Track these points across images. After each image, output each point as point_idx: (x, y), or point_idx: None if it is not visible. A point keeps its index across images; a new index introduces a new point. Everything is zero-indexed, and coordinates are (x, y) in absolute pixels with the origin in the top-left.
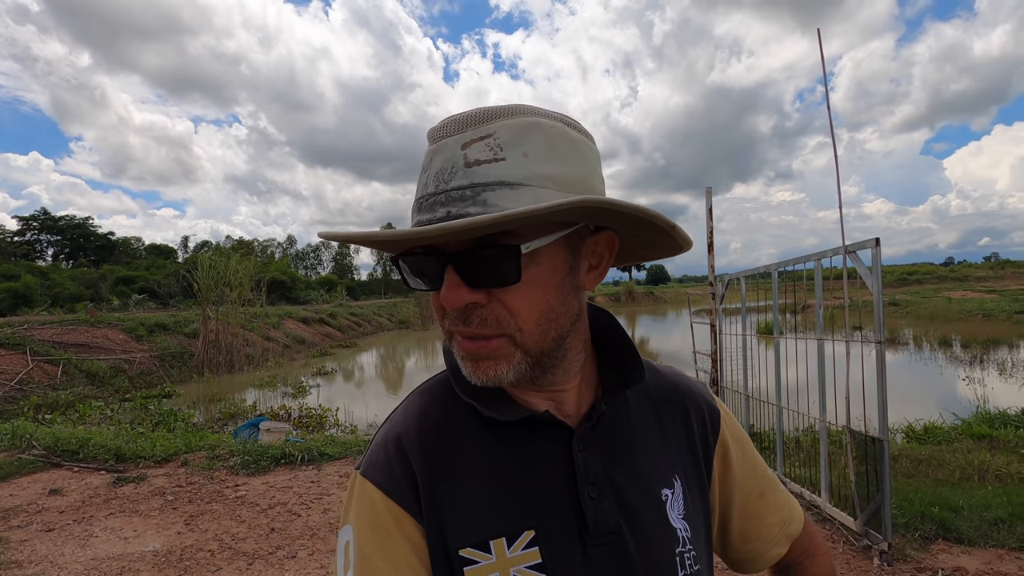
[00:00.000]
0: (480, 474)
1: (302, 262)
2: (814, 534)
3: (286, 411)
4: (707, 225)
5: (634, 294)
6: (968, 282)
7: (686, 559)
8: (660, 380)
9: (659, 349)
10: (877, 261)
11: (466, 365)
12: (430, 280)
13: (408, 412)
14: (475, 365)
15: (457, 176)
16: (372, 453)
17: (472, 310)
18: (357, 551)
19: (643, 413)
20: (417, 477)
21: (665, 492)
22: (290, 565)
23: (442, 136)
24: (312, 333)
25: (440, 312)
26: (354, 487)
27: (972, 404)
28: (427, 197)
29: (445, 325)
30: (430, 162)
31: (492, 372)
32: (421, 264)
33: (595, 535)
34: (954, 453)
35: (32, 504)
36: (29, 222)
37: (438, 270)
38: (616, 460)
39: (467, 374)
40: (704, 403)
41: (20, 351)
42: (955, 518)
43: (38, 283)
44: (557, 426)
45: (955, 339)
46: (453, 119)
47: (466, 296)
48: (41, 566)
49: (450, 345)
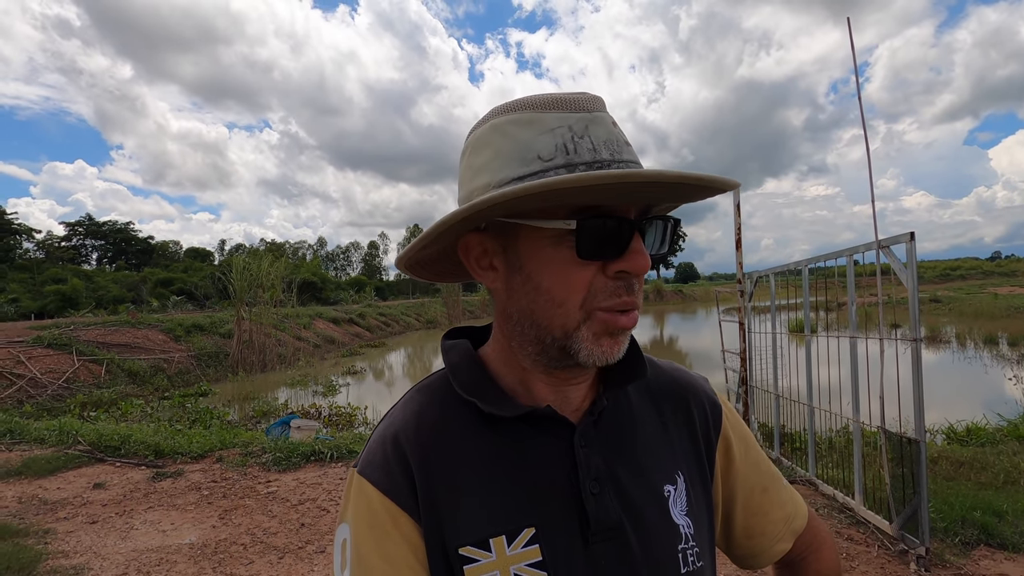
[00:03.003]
0: (479, 471)
1: (332, 263)
2: (819, 528)
3: (316, 409)
4: (735, 222)
5: (663, 292)
6: (1016, 277)
7: (689, 555)
8: (661, 375)
9: (688, 348)
10: (912, 256)
11: (604, 343)
12: (611, 247)
13: (406, 410)
14: (613, 341)
15: (626, 151)
16: (370, 452)
17: (637, 279)
18: (354, 550)
19: (645, 409)
20: (415, 476)
21: (668, 488)
22: (319, 560)
23: (592, 108)
24: (342, 333)
25: (585, 290)
26: (352, 485)
27: (1019, 405)
28: (603, 163)
29: (592, 303)
30: (585, 128)
31: (623, 348)
32: (608, 229)
33: (597, 531)
34: (998, 455)
35: (77, 497)
36: (75, 228)
37: (626, 236)
38: (618, 455)
39: (600, 352)
40: (706, 398)
41: (67, 351)
42: (998, 523)
43: (83, 286)
44: (558, 421)
45: (1002, 337)
46: (586, 95)
47: (649, 263)
48: (86, 556)
49: (577, 333)
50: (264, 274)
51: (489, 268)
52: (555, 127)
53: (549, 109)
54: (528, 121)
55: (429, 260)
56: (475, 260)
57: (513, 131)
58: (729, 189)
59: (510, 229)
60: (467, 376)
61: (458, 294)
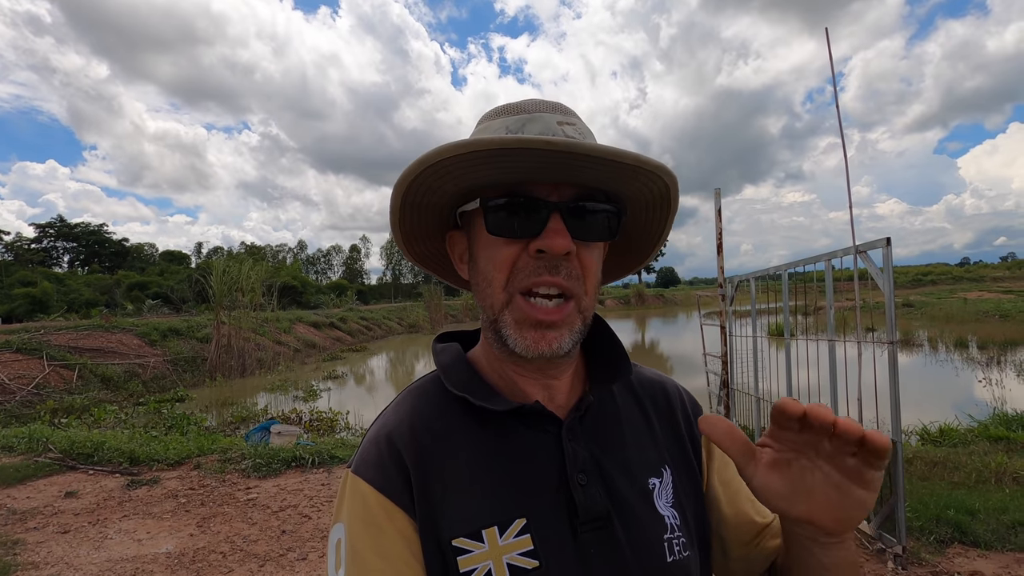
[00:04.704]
0: (472, 466)
1: (313, 267)
2: None
3: (297, 414)
4: (716, 227)
5: (644, 296)
6: (984, 282)
7: (675, 545)
8: (643, 377)
9: (670, 352)
10: (888, 261)
11: (528, 335)
12: (526, 226)
13: (399, 410)
14: (540, 335)
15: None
16: (363, 451)
17: (562, 261)
18: (349, 547)
19: (629, 406)
20: (409, 472)
21: (652, 481)
22: (301, 567)
23: (534, 109)
24: (323, 337)
25: (507, 269)
26: (346, 485)
27: (989, 406)
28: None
29: (514, 283)
30: (522, 126)
31: (556, 343)
32: (523, 208)
33: (585, 520)
34: (970, 456)
35: (48, 506)
36: (46, 229)
37: (542, 216)
38: (604, 449)
39: (524, 345)
40: (686, 396)
41: (37, 356)
42: (971, 521)
43: (54, 289)
44: (547, 417)
45: (971, 340)
46: (535, 100)
47: (569, 244)
48: (57, 567)
49: (502, 315)
50: (244, 278)
51: (464, 263)
52: (496, 129)
53: (498, 116)
54: (482, 129)
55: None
56: (458, 257)
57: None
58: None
59: (468, 221)
60: (458, 375)
61: (440, 298)
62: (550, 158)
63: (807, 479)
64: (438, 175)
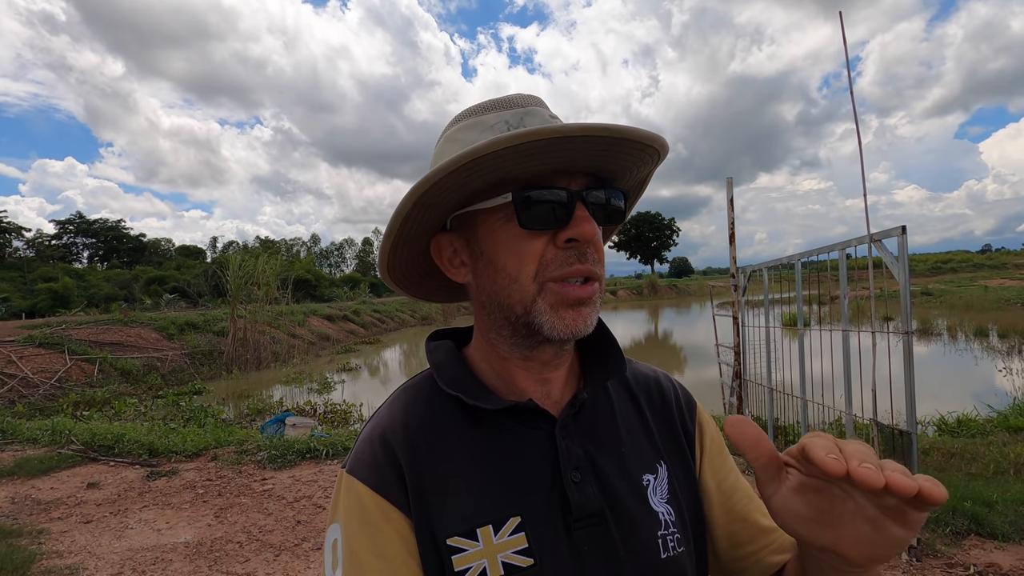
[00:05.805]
0: (466, 464)
1: (326, 260)
2: None
3: (312, 407)
4: (728, 216)
5: (657, 287)
6: (1006, 269)
7: (669, 541)
8: (637, 373)
9: (683, 343)
10: (903, 249)
11: (566, 315)
12: (557, 217)
13: (393, 409)
14: (576, 312)
15: None
16: (358, 451)
17: (588, 247)
18: (346, 547)
19: (623, 402)
20: (404, 471)
21: (647, 477)
22: (315, 557)
23: (525, 103)
24: (336, 330)
25: (536, 261)
26: (341, 485)
27: (1009, 396)
28: None
29: (544, 274)
30: (520, 120)
31: (589, 320)
32: (546, 198)
33: (579, 518)
34: (988, 446)
35: (71, 497)
36: (65, 226)
37: (569, 204)
38: (598, 446)
39: (563, 325)
40: (679, 390)
41: (59, 350)
42: (988, 513)
43: (75, 285)
44: (540, 414)
45: (992, 329)
46: (519, 95)
47: (596, 230)
48: (80, 556)
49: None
50: (259, 272)
51: (460, 265)
52: (494, 123)
53: (488, 111)
54: (472, 125)
55: (416, 275)
56: (447, 260)
57: (461, 136)
58: (651, 142)
59: (469, 222)
60: (451, 373)
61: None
62: (592, 145)
63: (836, 508)
64: (470, 170)
